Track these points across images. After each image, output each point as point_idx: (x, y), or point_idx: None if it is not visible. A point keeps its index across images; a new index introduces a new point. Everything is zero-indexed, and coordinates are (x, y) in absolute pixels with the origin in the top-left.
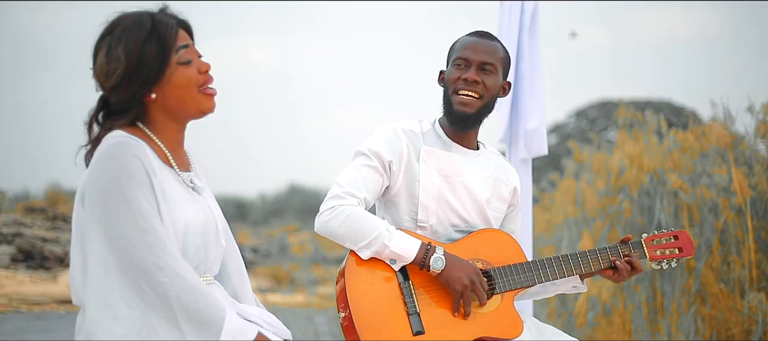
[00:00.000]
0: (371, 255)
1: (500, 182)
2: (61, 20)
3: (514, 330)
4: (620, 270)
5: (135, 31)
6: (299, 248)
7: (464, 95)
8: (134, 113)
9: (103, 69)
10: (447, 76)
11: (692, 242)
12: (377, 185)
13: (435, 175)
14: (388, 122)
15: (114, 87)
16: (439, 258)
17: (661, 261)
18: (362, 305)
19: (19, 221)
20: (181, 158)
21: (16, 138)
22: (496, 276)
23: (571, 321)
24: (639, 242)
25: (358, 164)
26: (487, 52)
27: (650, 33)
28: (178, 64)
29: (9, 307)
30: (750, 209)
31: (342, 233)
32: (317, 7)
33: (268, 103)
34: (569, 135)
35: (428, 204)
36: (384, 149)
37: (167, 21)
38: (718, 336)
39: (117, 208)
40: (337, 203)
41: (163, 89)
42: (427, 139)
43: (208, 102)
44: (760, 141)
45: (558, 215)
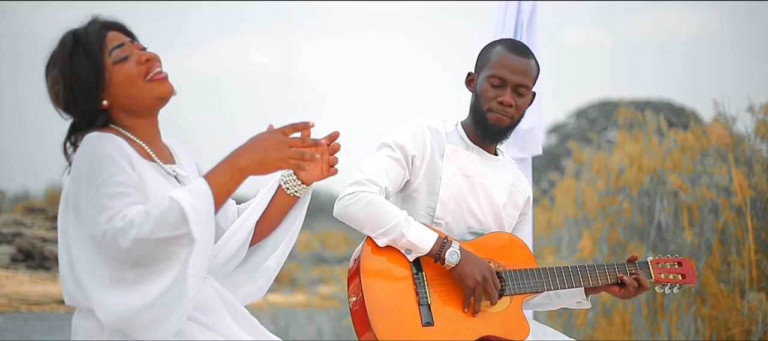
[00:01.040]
0: (388, 243)
1: (516, 189)
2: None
3: (520, 332)
4: (627, 286)
5: (61, 51)
6: (301, 248)
7: (498, 115)
8: (101, 121)
9: (51, 95)
10: (480, 88)
11: (695, 272)
12: (399, 177)
13: (457, 173)
14: (414, 119)
15: (66, 107)
16: (454, 252)
17: (664, 285)
18: (375, 291)
19: (19, 221)
20: (162, 151)
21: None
22: (507, 278)
23: (571, 321)
24: (645, 263)
25: (382, 154)
26: (523, 72)
27: (650, 33)
28: (113, 65)
29: (9, 307)
30: (750, 209)
31: (361, 219)
32: (317, 7)
33: (268, 103)
34: (569, 135)
35: (447, 202)
36: (409, 143)
37: (90, 30)
38: (718, 336)
39: (91, 201)
40: (359, 189)
41: (110, 92)
42: (450, 138)
43: (160, 86)
44: (760, 141)
45: (558, 215)
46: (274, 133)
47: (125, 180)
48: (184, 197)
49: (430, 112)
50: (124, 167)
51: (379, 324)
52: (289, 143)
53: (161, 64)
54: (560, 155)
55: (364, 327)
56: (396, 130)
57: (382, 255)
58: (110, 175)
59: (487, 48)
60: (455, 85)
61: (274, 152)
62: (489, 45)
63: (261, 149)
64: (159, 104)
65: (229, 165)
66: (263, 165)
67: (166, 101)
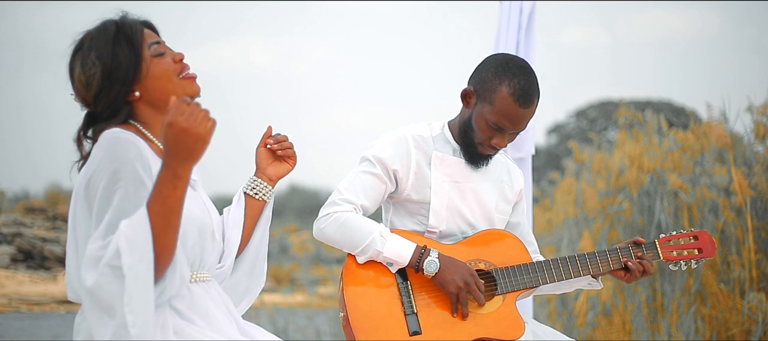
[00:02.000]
0: (366, 260)
1: (505, 185)
2: (61, 20)
3: (515, 331)
4: (632, 271)
5: (102, 37)
6: (300, 248)
7: (487, 150)
8: (123, 115)
9: (82, 80)
10: (476, 121)
11: (714, 243)
12: (378, 192)
13: (446, 181)
14: (398, 127)
15: (97, 94)
16: (432, 261)
17: (678, 262)
18: (359, 305)
19: (19, 221)
20: None
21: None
22: (498, 276)
23: (571, 321)
24: (653, 243)
25: (361, 170)
26: (524, 120)
27: (650, 33)
28: (152, 57)
29: (9, 307)
30: (750, 209)
31: (337, 240)
32: (317, 7)
33: (268, 103)
34: (569, 135)
35: (439, 210)
36: (389, 157)
37: (131, 22)
38: (718, 336)
39: (108, 204)
40: (332, 210)
41: (144, 84)
42: (437, 143)
43: (191, 85)
44: (759, 141)
45: (558, 215)
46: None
47: (136, 194)
48: (122, 229)
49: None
50: (142, 177)
51: (362, 338)
52: (192, 113)
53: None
54: (560, 155)
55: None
56: (377, 141)
57: (365, 269)
58: (126, 186)
59: (495, 76)
60: (455, 85)
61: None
62: (497, 72)
63: (180, 142)
64: None
65: (166, 174)
66: (191, 156)
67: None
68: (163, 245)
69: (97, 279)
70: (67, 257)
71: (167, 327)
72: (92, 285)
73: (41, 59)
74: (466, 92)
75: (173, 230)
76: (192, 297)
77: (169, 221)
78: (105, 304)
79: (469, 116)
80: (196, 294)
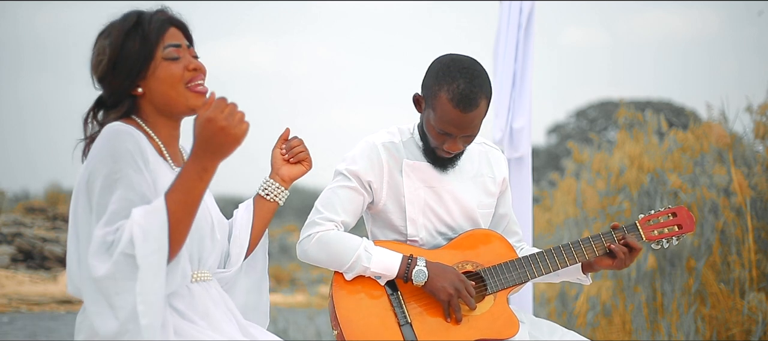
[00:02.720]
0: (354, 276)
1: (486, 177)
2: (61, 20)
3: (509, 329)
4: (617, 254)
5: (120, 26)
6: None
7: (447, 156)
8: (126, 106)
9: (93, 62)
10: (427, 128)
11: (692, 218)
12: (356, 205)
13: (420, 187)
14: (368, 136)
15: (101, 79)
16: (420, 271)
17: (660, 241)
18: (352, 320)
19: (19, 221)
20: (176, 154)
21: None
22: (486, 276)
23: (571, 321)
24: (633, 225)
25: (336, 185)
26: (470, 125)
27: (650, 33)
28: (163, 60)
29: (9, 307)
30: (750, 209)
31: (322, 260)
32: (317, 7)
33: (268, 103)
34: (569, 135)
35: (415, 217)
36: (362, 168)
37: (156, 18)
38: (718, 336)
39: (110, 193)
40: (314, 231)
41: (149, 83)
42: (408, 149)
43: (196, 99)
44: (759, 141)
45: (558, 215)
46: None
47: (136, 182)
48: (136, 219)
49: None
50: (140, 168)
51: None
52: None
53: (205, 79)
54: (560, 155)
55: None
56: (349, 154)
57: (354, 283)
58: (126, 175)
59: (433, 83)
60: None
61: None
62: (436, 77)
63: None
64: (188, 114)
65: (194, 165)
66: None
67: (194, 114)
68: (177, 237)
69: (111, 268)
70: (68, 251)
71: (167, 326)
72: (106, 273)
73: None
74: (416, 98)
75: (189, 222)
76: (192, 297)
77: (187, 212)
78: (113, 296)
79: (423, 122)
80: (196, 294)
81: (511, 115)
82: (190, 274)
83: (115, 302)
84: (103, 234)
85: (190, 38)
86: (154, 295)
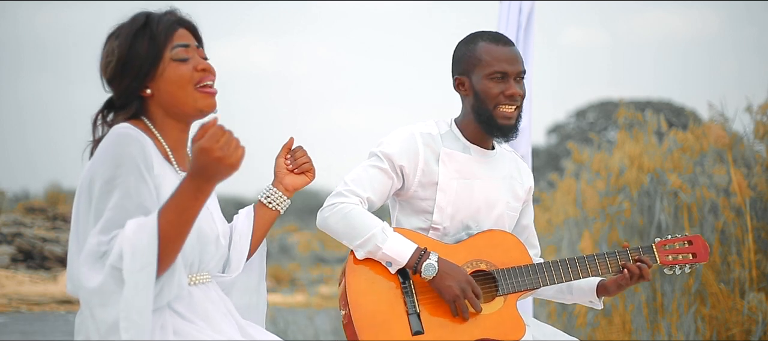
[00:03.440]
0: (365, 255)
1: (515, 180)
2: (61, 20)
3: (515, 332)
4: (632, 272)
5: (129, 26)
6: (306, 247)
7: (507, 109)
8: (134, 108)
9: (102, 63)
10: (481, 88)
11: (707, 248)
12: (385, 186)
13: (454, 177)
14: (406, 125)
15: (110, 80)
16: (430, 265)
17: (673, 266)
18: (361, 304)
19: (19, 221)
20: (183, 158)
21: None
22: (499, 277)
23: (572, 321)
24: (650, 247)
25: (368, 164)
26: (519, 60)
27: (650, 33)
28: (172, 60)
29: (9, 307)
30: (750, 209)
31: (339, 231)
32: (317, 7)
33: (268, 103)
34: (569, 135)
35: (445, 206)
36: (396, 152)
37: (164, 19)
38: (718, 336)
39: (110, 196)
40: (338, 201)
41: (157, 84)
42: (445, 141)
43: (205, 99)
44: (758, 141)
45: (558, 215)
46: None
47: (134, 190)
48: (127, 233)
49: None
50: (142, 174)
51: (366, 337)
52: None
53: (215, 80)
54: (560, 155)
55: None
56: (386, 138)
57: (367, 267)
58: (126, 181)
59: (467, 46)
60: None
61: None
62: (467, 43)
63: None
64: (197, 115)
65: (190, 185)
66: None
67: (204, 115)
68: (167, 253)
69: (104, 280)
70: (69, 250)
71: (167, 327)
72: (98, 285)
73: (41, 59)
74: (458, 81)
75: (181, 241)
76: (191, 299)
77: (179, 232)
78: (96, 308)
79: (474, 94)
80: (195, 296)
81: None
82: (186, 281)
83: (97, 314)
84: (97, 243)
85: (199, 39)
86: (137, 312)
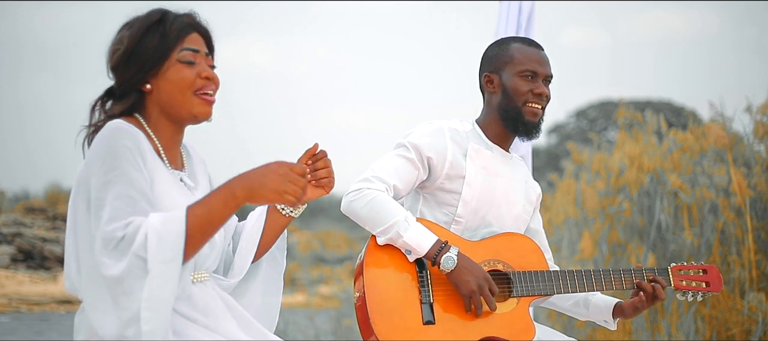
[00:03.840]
0: (386, 241)
1: (529, 186)
2: (61, 20)
3: (525, 334)
4: (646, 292)
5: (143, 20)
6: (304, 247)
7: (535, 107)
8: (132, 100)
9: (110, 49)
10: (511, 85)
11: (721, 279)
12: (411, 176)
13: (481, 173)
14: (433, 120)
15: (114, 68)
16: (450, 258)
17: (686, 292)
18: (377, 287)
19: (19, 221)
20: (175, 158)
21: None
22: (515, 279)
23: (572, 321)
24: (665, 270)
25: (396, 153)
26: (548, 64)
27: (650, 33)
28: (177, 62)
29: (9, 307)
30: (749, 209)
31: (363, 216)
32: (317, 7)
33: (268, 103)
34: (569, 135)
35: (470, 200)
36: (425, 144)
37: (179, 19)
38: (718, 336)
39: (112, 186)
40: (365, 186)
41: (158, 82)
42: (471, 138)
43: (202, 107)
44: (758, 142)
45: (558, 215)
46: (279, 166)
47: (135, 179)
48: (153, 223)
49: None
50: (139, 165)
51: (378, 320)
52: (290, 177)
53: (216, 90)
54: (560, 155)
55: (365, 323)
56: (414, 129)
57: (387, 253)
58: (125, 171)
59: (500, 47)
60: (455, 85)
61: (272, 184)
62: (499, 44)
63: (260, 180)
64: (191, 120)
65: (225, 189)
66: (257, 195)
67: (197, 122)
68: (189, 251)
69: (127, 268)
70: (66, 250)
71: (166, 326)
72: (121, 274)
73: (41, 59)
74: (487, 78)
75: (204, 240)
76: (191, 297)
77: (204, 231)
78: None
79: (503, 91)
80: (195, 294)
81: None
82: (190, 280)
83: (121, 302)
84: (112, 230)
85: (211, 47)
86: (161, 303)
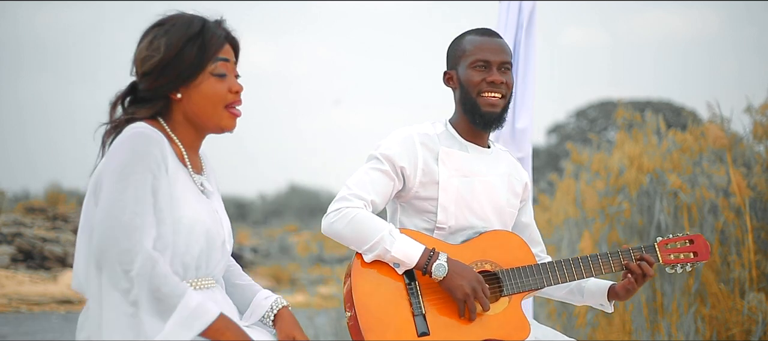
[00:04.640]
0: (374, 258)
1: (513, 178)
2: (61, 20)
3: (520, 332)
4: (635, 273)
5: (182, 29)
6: (304, 248)
7: (490, 96)
8: (158, 106)
9: (142, 54)
10: (465, 78)
11: (708, 247)
12: (387, 188)
13: (454, 175)
14: (403, 128)
15: (145, 74)
16: (441, 265)
17: (675, 265)
18: (367, 305)
19: (19, 221)
20: (196, 161)
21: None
22: (504, 277)
23: (572, 321)
24: (652, 246)
25: (369, 167)
26: (503, 51)
27: (650, 33)
28: (211, 75)
29: (9, 307)
30: (749, 209)
31: (346, 236)
32: (317, 7)
33: (268, 103)
34: (569, 135)
35: (448, 205)
36: (397, 154)
37: (216, 31)
38: (718, 336)
39: (115, 193)
40: (343, 206)
41: (190, 93)
42: (442, 140)
43: (229, 120)
44: (758, 142)
45: (558, 215)
46: None
47: (151, 190)
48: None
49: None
50: (158, 178)
51: (371, 339)
52: None
53: (241, 103)
54: (560, 155)
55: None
56: (384, 140)
57: (373, 268)
58: (143, 179)
59: (455, 43)
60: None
61: None
62: (456, 40)
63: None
64: (216, 131)
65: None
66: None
67: (223, 132)
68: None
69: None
70: (77, 248)
71: None
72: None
73: (41, 59)
74: (447, 76)
75: None
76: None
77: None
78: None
79: (460, 85)
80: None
81: (514, 115)
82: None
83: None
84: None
85: (238, 55)
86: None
